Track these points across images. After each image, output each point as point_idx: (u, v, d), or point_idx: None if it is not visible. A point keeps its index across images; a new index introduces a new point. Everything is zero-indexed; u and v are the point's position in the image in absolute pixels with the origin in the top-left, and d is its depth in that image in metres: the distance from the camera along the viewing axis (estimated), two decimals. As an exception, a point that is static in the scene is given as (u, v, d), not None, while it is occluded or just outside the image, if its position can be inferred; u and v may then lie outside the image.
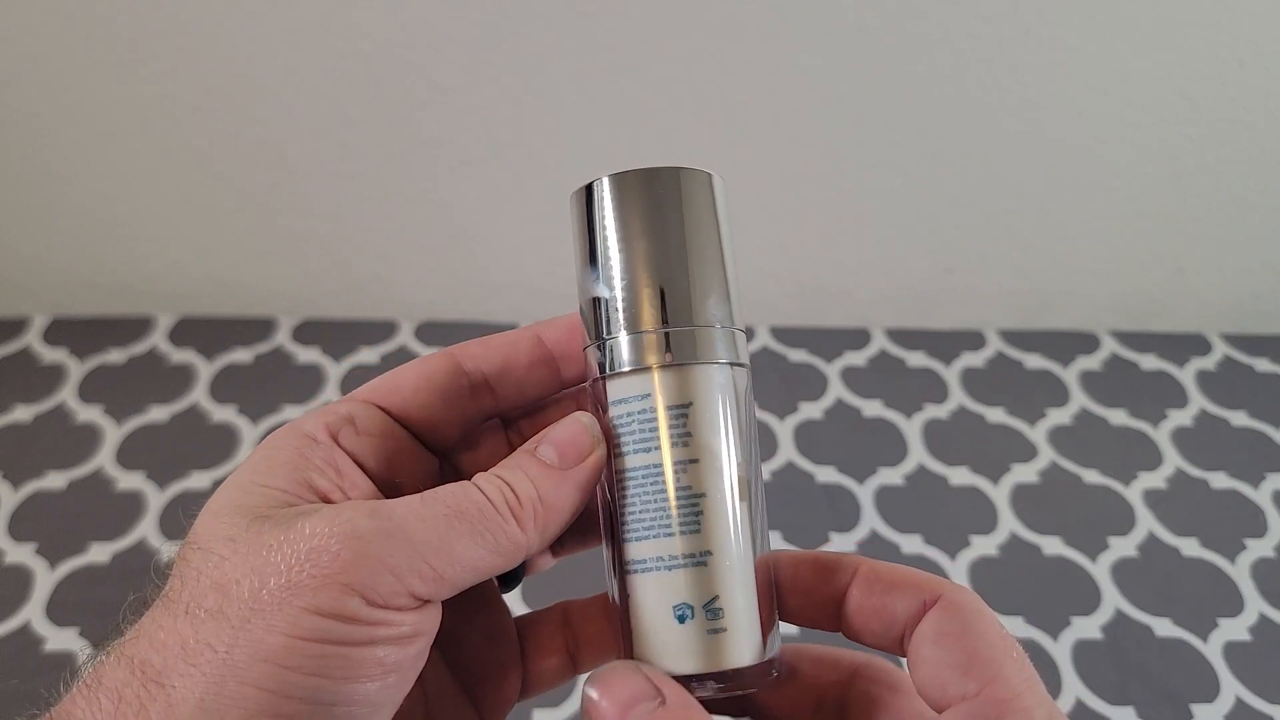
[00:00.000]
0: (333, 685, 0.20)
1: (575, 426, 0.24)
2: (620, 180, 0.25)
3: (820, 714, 0.26)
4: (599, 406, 0.25)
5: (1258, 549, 0.61)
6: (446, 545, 0.21)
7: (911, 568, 0.24)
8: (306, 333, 0.72)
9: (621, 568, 0.24)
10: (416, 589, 0.21)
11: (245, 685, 0.19)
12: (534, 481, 0.23)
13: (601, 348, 0.25)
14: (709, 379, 0.24)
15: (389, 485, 0.25)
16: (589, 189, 0.25)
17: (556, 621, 0.28)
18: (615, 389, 0.24)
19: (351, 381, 0.69)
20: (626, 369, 0.24)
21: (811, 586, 0.25)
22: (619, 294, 0.24)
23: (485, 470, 0.24)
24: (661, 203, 0.25)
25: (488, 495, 0.22)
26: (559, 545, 0.28)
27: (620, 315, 0.24)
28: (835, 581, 0.25)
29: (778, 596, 0.25)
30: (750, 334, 0.74)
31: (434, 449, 0.27)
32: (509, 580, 0.28)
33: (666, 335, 0.24)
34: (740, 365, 0.25)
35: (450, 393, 0.26)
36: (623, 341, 0.24)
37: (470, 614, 0.27)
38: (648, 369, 0.24)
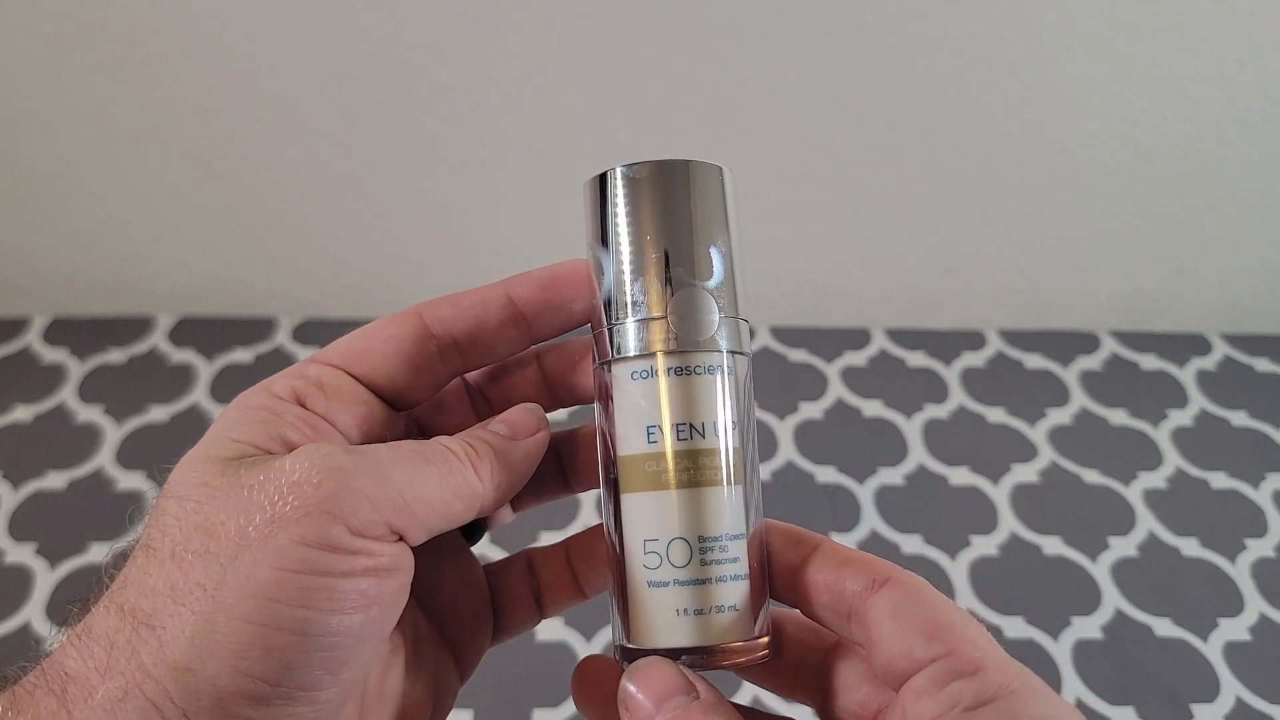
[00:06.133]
0: (319, 617, 0.20)
1: (524, 411, 0.27)
2: (632, 171, 0.25)
3: (799, 677, 0.26)
4: (606, 390, 0.26)
5: (1258, 549, 0.61)
6: (417, 483, 0.23)
7: (869, 554, 0.25)
8: (306, 333, 0.72)
9: (621, 548, 0.25)
10: (394, 521, 0.22)
11: (235, 620, 0.20)
12: (490, 444, 0.25)
13: (609, 332, 0.25)
14: (711, 366, 0.25)
15: (362, 442, 0.25)
16: (602, 178, 0.26)
17: (521, 568, 0.30)
18: (620, 373, 0.25)
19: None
20: (632, 354, 0.25)
21: (779, 554, 0.26)
22: (627, 281, 0.25)
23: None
24: (671, 193, 0.25)
25: (449, 447, 0.24)
26: (518, 501, 0.30)
27: (627, 302, 0.25)
28: (799, 553, 0.25)
29: None
30: (751, 333, 0.74)
31: (401, 408, 0.27)
32: (473, 532, 0.29)
33: (671, 322, 0.25)
34: (741, 354, 0.26)
35: (418, 359, 0.26)
36: (629, 327, 0.25)
37: (442, 564, 0.28)
38: (652, 354, 0.25)
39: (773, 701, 0.51)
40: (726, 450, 0.25)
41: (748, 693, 0.51)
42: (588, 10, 0.56)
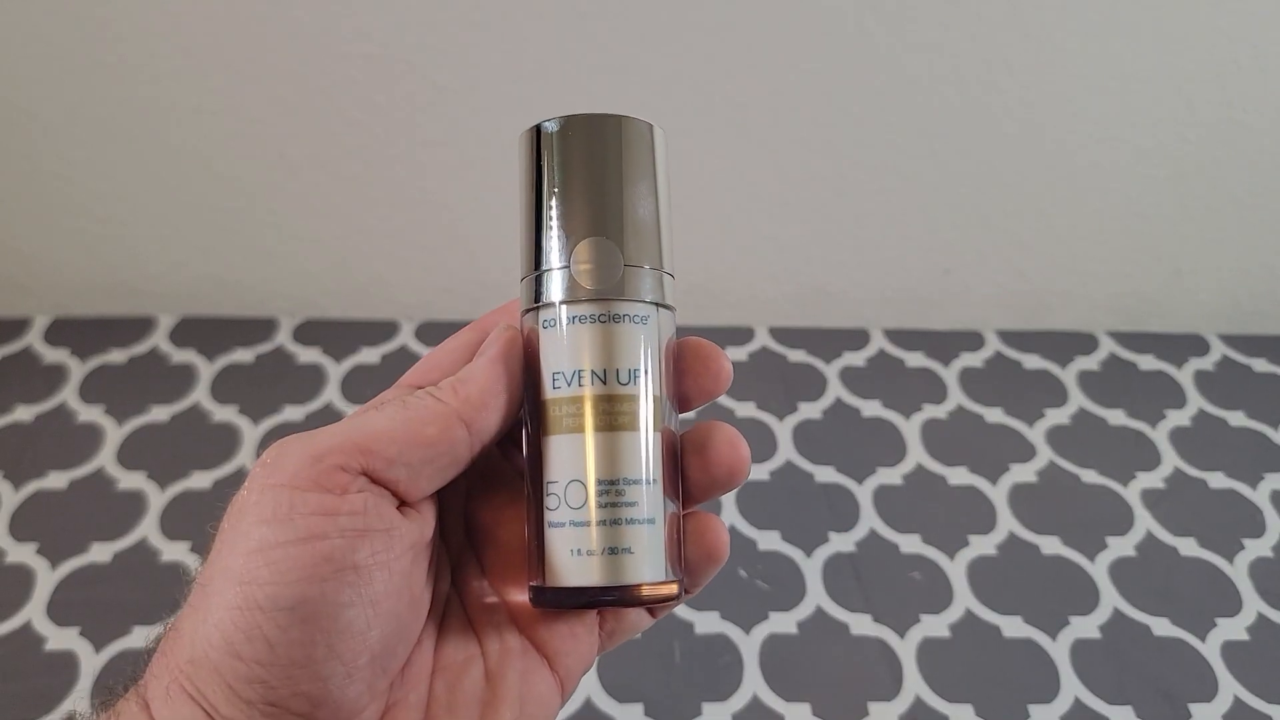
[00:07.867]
0: (283, 590, 0.20)
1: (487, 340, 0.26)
2: (550, 125, 0.26)
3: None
4: (528, 337, 0.26)
5: (1255, 549, 0.61)
6: (362, 424, 0.23)
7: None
8: (307, 333, 0.72)
9: (529, 491, 0.26)
10: (346, 463, 0.22)
11: (220, 609, 0.21)
12: (453, 380, 0.25)
13: (535, 280, 0.25)
14: (617, 314, 0.25)
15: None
16: (536, 130, 0.26)
17: None
18: (530, 321, 0.26)
19: (352, 381, 0.69)
20: (539, 303, 0.25)
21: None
22: (554, 230, 0.25)
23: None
24: (584, 147, 0.25)
25: (402, 398, 0.24)
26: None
27: (554, 250, 0.25)
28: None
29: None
30: (749, 334, 0.74)
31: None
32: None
33: (572, 272, 0.25)
34: (665, 307, 0.26)
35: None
36: (539, 278, 0.25)
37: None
38: (553, 304, 0.25)
39: (774, 702, 0.51)
40: (646, 400, 0.24)
41: (748, 690, 0.51)
42: (587, 10, 0.56)
